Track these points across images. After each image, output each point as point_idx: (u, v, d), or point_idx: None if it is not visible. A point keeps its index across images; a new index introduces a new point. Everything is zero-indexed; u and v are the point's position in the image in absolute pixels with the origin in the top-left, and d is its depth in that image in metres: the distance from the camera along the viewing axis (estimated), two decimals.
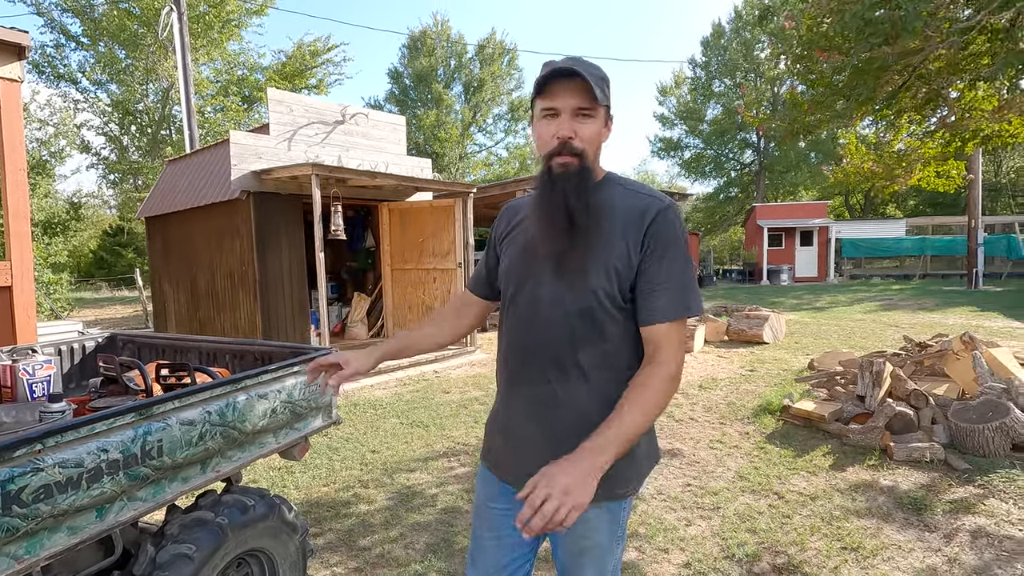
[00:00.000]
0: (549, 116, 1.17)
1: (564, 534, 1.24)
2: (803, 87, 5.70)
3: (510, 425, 1.28)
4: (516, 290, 1.25)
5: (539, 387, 1.20)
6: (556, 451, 1.10)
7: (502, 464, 1.30)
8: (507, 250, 1.31)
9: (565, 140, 1.15)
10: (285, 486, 3.43)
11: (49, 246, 13.77)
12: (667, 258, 1.14)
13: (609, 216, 1.18)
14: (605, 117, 1.20)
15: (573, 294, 1.16)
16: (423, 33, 30.51)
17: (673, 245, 1.15)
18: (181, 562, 1.60)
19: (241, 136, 6.80)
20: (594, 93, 1.13)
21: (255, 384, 1.84)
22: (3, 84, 3.10)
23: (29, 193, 3.31)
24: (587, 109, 1.15)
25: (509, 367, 1.27)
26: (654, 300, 1.14)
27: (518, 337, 1.24)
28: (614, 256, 1.15)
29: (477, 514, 1.38)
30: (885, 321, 9.69)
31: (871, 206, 30.37)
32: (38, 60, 20.09)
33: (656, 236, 1.15)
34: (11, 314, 3.17)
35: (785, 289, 17.19)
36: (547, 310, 1.19)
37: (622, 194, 1.21)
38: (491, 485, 1.34)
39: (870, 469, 3.48)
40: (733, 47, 28.53)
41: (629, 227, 1.16)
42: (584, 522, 1.22)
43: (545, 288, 1.19)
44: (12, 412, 1.74)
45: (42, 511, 1.27)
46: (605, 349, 1.17)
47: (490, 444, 1.36)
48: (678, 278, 1.14)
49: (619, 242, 1.15)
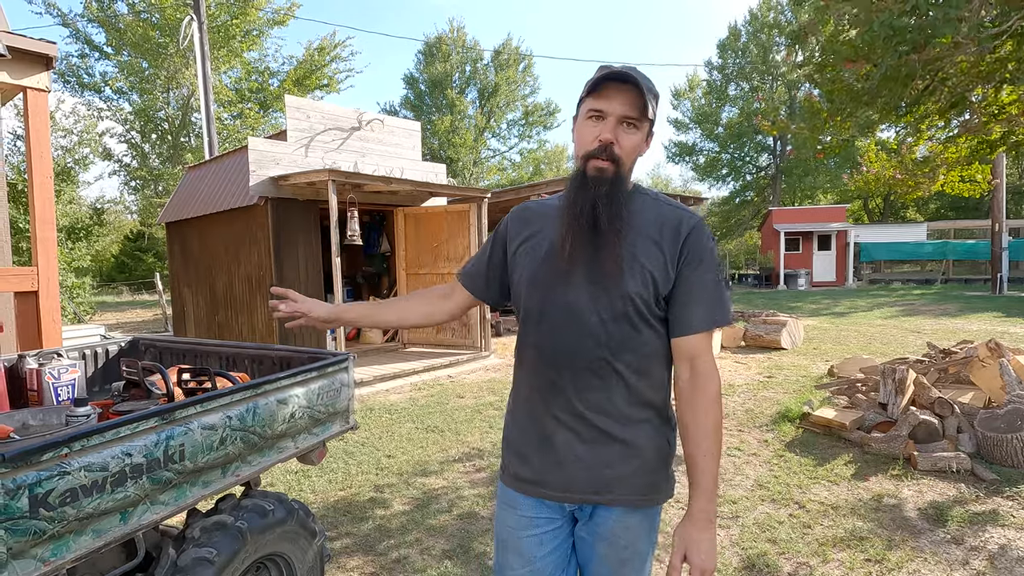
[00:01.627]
0: (595, 118, 1.17)
1: (606, 549, 1.23)
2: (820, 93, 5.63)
3: (549, 436, 1.22)
4: (545, 298, 1.21)
5: (580, 396, 1.19)
6: (600, 459, 1.18)
7: (543, 481, 1.23)
8: (525, 258, 1.27)
9: (607, 144, 1.15)
10: (302, 490, 3.46)
11: (72, 251, 14.07)
12: (702, 270, 1.17)
13: (642, 225, 1.19)
14: (648, 132, 1.21)
15: (609, 299, 1.16)
16: (439, 39, 30.76)
17: (708, 258, 1.18)
18: (202, 566, 1.62)
19: (259, 143, 6.90)
20: (644, 104, 1.14)
21: (275, 389, 1.86)
22: (31, 94, 3.18)
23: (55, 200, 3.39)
24: (634, 119, 1.16)
25: (543, 377, 1.22)
26: (690, 311, 1.16)
27: (553, 346, 1.20)
28: (651, 264, 1.16)
29: (503, 547, 1.30)
30: (907, 327, 9.51)
31: (891, 210, 29.91)
32: (63, 70, 20.62)
33: (692, 249, 1.17)
34: (37, 318, 3.24)
35: (803, 294, 16.97)
36: (584, 317, 1.17)
37: (653, 204, 1.23)
38: (521, 510, 1.27)
39: (893, 479, 3.41)
40: (750, 49, 28.34)
41: (664, 238, 1.18)
42: (627, 531, 1.22)
43: (580, 294, 1.18)
44: (39, 415, 1.78)
45: (68, 514, 1.29)
46: (643, 354, 1.19)
47: (521, 465, 1.26)
48: (712, 290, 1.18)
49: (655, 251, 1.17)
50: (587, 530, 1.25)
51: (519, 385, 1.31)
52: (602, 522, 1.22)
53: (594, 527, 1.23)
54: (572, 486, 1.20)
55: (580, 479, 1.19)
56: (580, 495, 1.20)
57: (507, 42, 31.37)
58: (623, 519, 1.21)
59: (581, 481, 1.19)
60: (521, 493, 1.27)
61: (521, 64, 31.77)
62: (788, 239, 19.92)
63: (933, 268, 20.67)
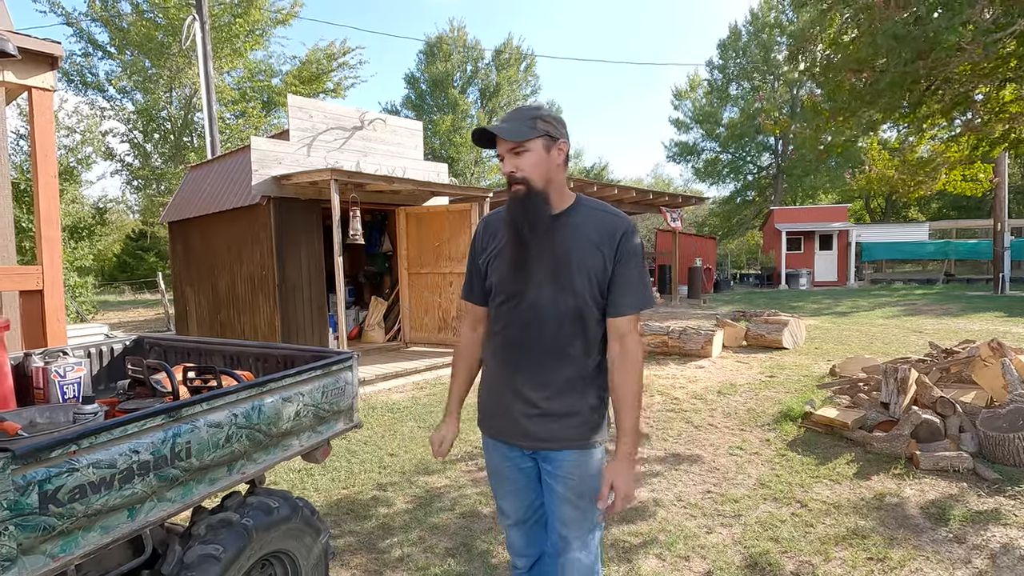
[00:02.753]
0: (501, 160, 1.52)
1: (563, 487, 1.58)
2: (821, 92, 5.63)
3: (513, 402, 1.59)
4: (514, 295, 1.54)
5: (539, 372, 1.54)
6: (554, 418, 1.56)
7: (512, 433, 1.62)
8: (495, 262, 1.59)
9: (508, 174, 1.50)
10: (305, 488, 3.47)
11: (75, 250, 14.09)
12: (631, 266, 1.51)
13: (585, 233, 1.51)
14: (545, 145, 1.48)
15: (565, 298, 1.50)
16: (440, 39, 30.74)
17: (636, 256, 1.52)
18: (208, 563, 1.63)
19: (262, 142, 6.91)
20: (520, 132, 1.45)
21: (280, 387, 1.87)
22: (36, 93, 3.19)
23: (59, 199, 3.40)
24: (517, 147, 1.47)
25: (512, 357, 1.58)
26: (623, 298, 1.51)
27: (520, 334, 1.55)
28: (593, 266, 1.49)
29: (494, 475, 1.73)
30: (908, 326, 9.50)
31: (892, 209, 29.86)
32: (67, 69, 20.63)
33: (624, 250, 1.51)
34: (42, 317, 3.25)
35: (804, 294, 16.95)
36: (544, 313, 1.51)
37: (592, 214, 1.54)
38: (499, 450, 1.68)
39: (895, 478, 3.42)
40: (751, 49, 28.30)
41: (604, 242, 1.50)
42: (577, 467, 1.56)
43: (544, 295, 1.51)
44: (46, 413, 1.79)
45: (77, 510, 1.30)
46: (587, 338, 1.54)
47: (492, 418, 1.67)
48: (639, 281, 1.53)
49: (596, 254, 1.49)
50: (547, 470, 1.61)
51: (489, 361, 1.68)
52: (558, 465, 1.58)
53: (553, 470, 1.59)
54: (532, 437, 1.59)
55: (536, 433, 1.58)
56: (539, 443, 1.58)
57: (508, 41, 31.36)
58: (580, 458, 1.57)
59: (537, 435, 1.58)
60: (496, 440, 1.68)
61: (523, 64, 31.76)
62: (790, 239, 19.90)
63: (935, 268, 20.64)
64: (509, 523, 1.74)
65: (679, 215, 13.90)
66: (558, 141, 1.51)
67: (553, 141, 1.50)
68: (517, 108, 1.53)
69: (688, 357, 7.24)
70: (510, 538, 1.76)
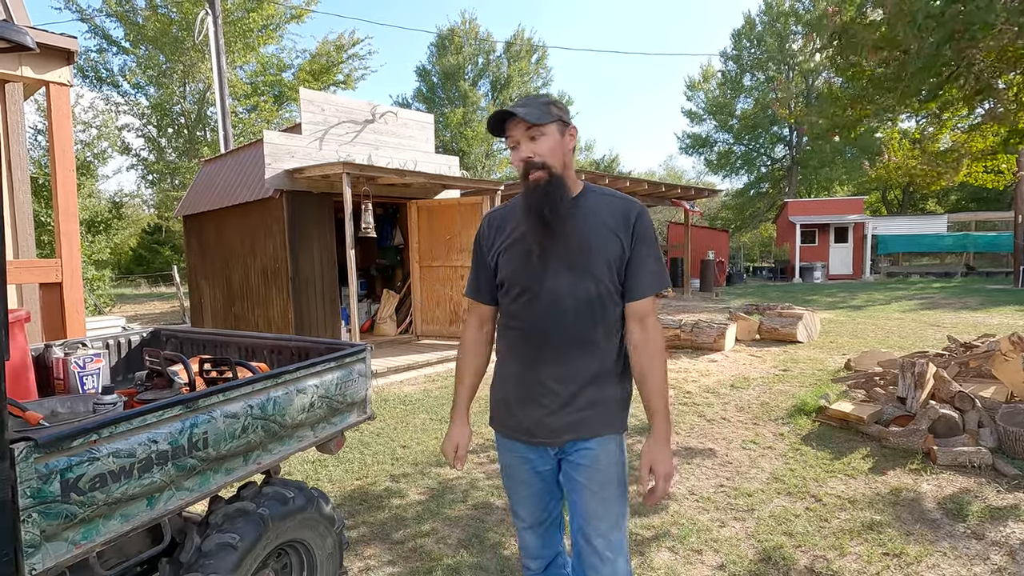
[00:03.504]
0: (514, 148, 1.48)
1: (587, 476, 1.54)
2: (841, 80, 5.53)
3: (535, 398, 1.53)
4: (528, 285, 1.51)
5: (563, 363, 1.50)
6: (577, 408, 1.52)
7: (530, 430, 1.56)
8: (505, 256, 1.56)
9: (527, 160, 1.45)
10: (319, 479, 3.50)
11: (92, 244, 14.30)
12: (646, 247, 1.50)
13: (601, 219, 1.49)
14: (559, 129, 1.47)
15: (584, 284, 1.47)
16: (451, 31, 30.64)
17: (650, 237, 1.52)
18: (225, 551, 1.65)
19: (274, 136, 6.94)
20: (533, 117, 1.42)
21: (294, 379, 1.88)
22: (53, 88, 3.23)
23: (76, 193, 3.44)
24: (536, 131, 1.44)
25: (533, 350, 1.52)
26: (641, 280, 1.50)
27: (540, 325, 1.51)
28: (611, 250, 1.48)
29: (509, 477, 1.67)
30: (926, 320, 9.36)
31: (910, 201, 29.36)
32: (82, 64, 20.85)
33: (640, 232, 1.50)
34: (61, 309, 3.31)
35: (819, 287, 16.76)
36: (563, 301, 1.48)
37: (604, 200, 1.53)
38: (516, 451, 1.62)
39: (912, 473, 3.37)
40: (766, 39, 27.89)
41: (619, 226, 1.49)
42: (607, 453, 1.54)
43: (562, 282, 1.47)
44: (67, 403, 1.82)
45: (98, 499, 1.33)
46: (608, 323, 1.51)
47: (510, 417, 1.59)
48: (655, 263, 1.51)
49: (613, 239, 1.48)
50: (571, 465, 1.56)
51: (505, 357, 1.62)
52: (583, 454, 1.54)
53: (577, 460, 1.55)
54: (557, 433, 1.53)
55: (563, 426, 1.53)
56: (565, 437, 1.54)
57: (519, 33, 31.19)
58: (601, 447, 1.53)
59: (564, 427, 1.53)
60: (512, 439, 1.61)
61: (534, 55, 31.57)
62: (804, 231, 19.66)
63: (953, 261, 20.30)
64: (524, 526, 1.69)
65: (694, 206, 13.81)
66: (569, 127, 1.50)
67: (565, 126, 1.49)
68: (528, 96, 1.52)
69: (700, 350, 7.19)
70: (524, 540, 1.71)
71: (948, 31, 3.55)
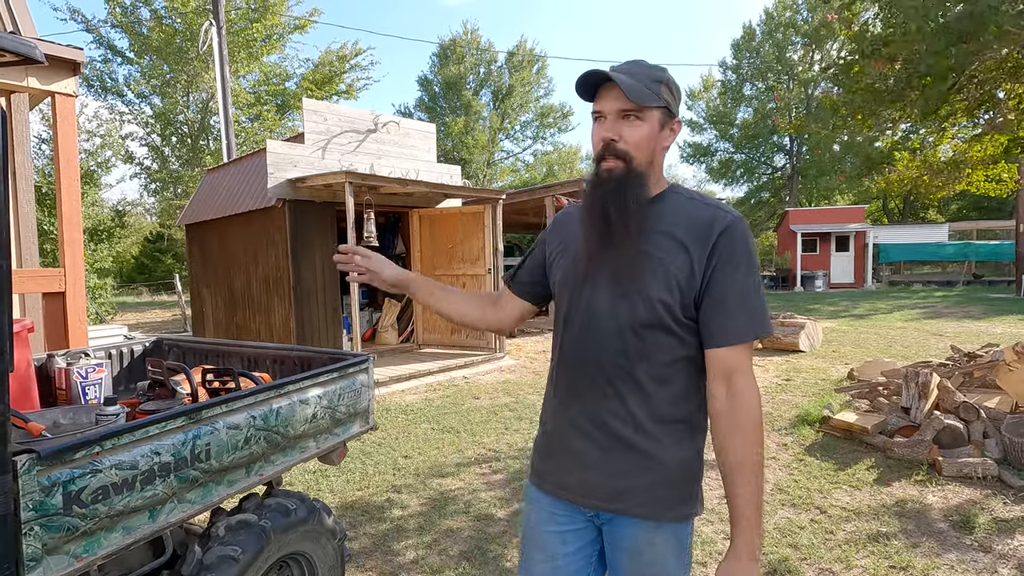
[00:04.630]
0: (598, 119, 1.17)
1: (629, 563, 1.19)
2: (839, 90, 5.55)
3: (568, 441, 1.22)
4: (570, 301, 1.21)
5: (596, 402, 1.17)
6: (614, 467, 1.16)
7: (565, 483, 1.23)
8: (560, 261, 1.28)
9: (607, 141, 1.13)
10: (320, 490, 3.48)
11: (95, 252, 14.35)
12: (737, 275, 1.09)
13: (671, 226, 1.13)
14: (661, 120, 1.15)
15: (630, 306, 1.12)
16: (453, 42, 30.88)
17: (744, 261, 1.10)
18: (227, 564, 1.64)
19: (277, 145, 6.98)
20: (641, 94, 1.10)
21: (297, 389, 1.88)
22: (59, 99, 3.25)
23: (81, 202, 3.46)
24: (632, 111, 1.12)
25: (564, 381, 1.23)
26: (725, 319, 1.09)
27: (572, 351, 1.20)
28: (676, 266, 1.10)
29: (528, 538, 1.31)
30: (928, 329, 9.34)
31: (911, 210, 29.41)
32: (87, 74, 21.03)
33: (724, 251, 1.09)
34: (64, 319, 3.31)
35: (820, 296, 16.74)
36: (603, 323, 1.15)
37: (684, 203, 1.17)
38: (543, 507, 1.27)
39: (917, 484, 3.35)
40: (765, 49, 28.07)
41: (694, 239, 1.11)
42: (651, 547, 1.17)
43: (601, 299, 1.15)
44: (70, 414, 1.82)
45: (100, 511, 1.32)
46: (664, 363, 1.13)
47: (546, 465, 1.28)
48: (750, 297, 1.10)
49: (681, 253, 1.10)
50: (610, 541, 1.22)
51: (550, 387, 1.30)
52: (624, 535, 1.18)
53: (617, 539, 1.20)
54: (588, 492, 1.19)
55: (595, 485, 1.18)
56: (595, 501, 1.19)
57: (521, 43, 31.41)
58: (648, 535, 1.16)
59: (596, 488, 1.18)
60: (542, 491, 1.28)
61: (535, 66, 31.78)
62: (805, 240, 19.67)
63: (954, 269, 20.28)
64: None
65: None
66: (674, 119, 1.18)
67: (670, 118, 1.17)
68: (639, 62, 1.16)
69: None
70: None
71: (956, 36, 3.55)
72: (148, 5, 20.03)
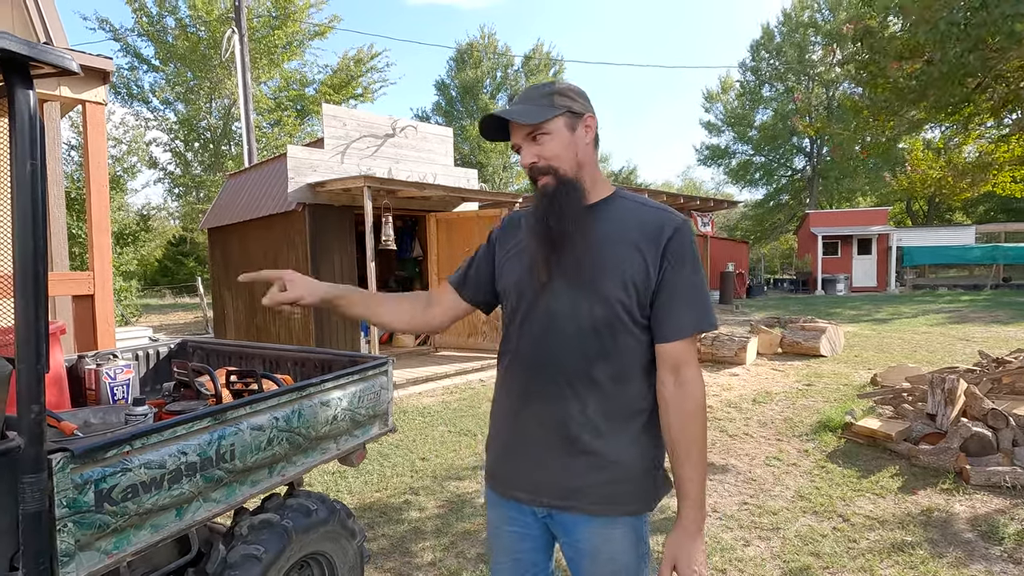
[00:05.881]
0: (517, 151, 1.24)
1: (590, 562, 1.22)
2: (861, 91, 5.47)
3: (522, 442, 1.25)
4: (527, 304, 1.24)
5: (554, 403, 1.20)
6: (568, 467, 1.20)
7: (515, 483, 1.27)
8: (509, 264, 1.31)
9: (530, 166, 1.21)
10: (339, 491, 3.52)
11: (121, 255, 14.70)
12: (683, 273, 1.17)
13: (622, 230, 1.19)
14: (568, 123, 1.20)
15: (588, 307, 1.17)
16: (470, 46, 31.05)
17: (690, 261, 1.18)
18: (250, 563, 1.67)
19: (297, 150, 7.08)
20: (527, 118, 1.18)
21: (319, 392, 1.90)
22: (90, 107, 3.35)
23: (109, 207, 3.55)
24: (534, 131, 1.19)
25: (519, 383, 1.25)
26: (675, 316, 1.16)
27: (530, 352, 1.23)
28: (631, 269, 1.16)
29: (491, 540, 1.37)
30: (955, 334, 9.12)
31: (936, 212, 28.77)
32: (115, 82, 21.59)
33: (675, 253, 1.17)
34: (93, 321, 3.40)
35: (842, 299, 16.45)
36: (562, 324, 1.19)
37: (633, 209, 1.23)
38: (500, 508, 1.32)
39: (944, 493, 3.28)
40: (785, 50, 27.74)
41: (646, 242, 1.17)
42: (608, 543, 1.20)
43: (560, 302, 1.19)
44: (100, 414, 1.87)
45: (129, 509, 1.35)
46: (621, 362, 1.18)
47: (497, 466, 1.32)
48: (697, 294, 1.18)
49: (636, 256, 1.16)
50: (567, 541, 1.25)
51: (498, 390, 1.34)
52: (580, 534, 1.21)
53: (573, 538, 1.23)
54: (540, 491, 1.23)
55: (548, 484, 1.21)
56: (548, 499, 1.22)
57: (538, 47, 31.47)
58: (604, 531, 1.20)
59: (549, 487, 1.21)
60: (495, 492, 1.32)
61: (552, 69, 31.80)
62: (826, 243, 19.35)
63: (982, 273, 19.78)
64: None
65: (710, 219, 13.68)
66: (583, 116, 1.22)
67: (577, 117, 1.21)
68: (530, 86, 1.24)
69: (721, 364, 7.10)
70: None
71: (973, 40, 3.49)
72: (173, 14, 20.51)
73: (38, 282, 1.19)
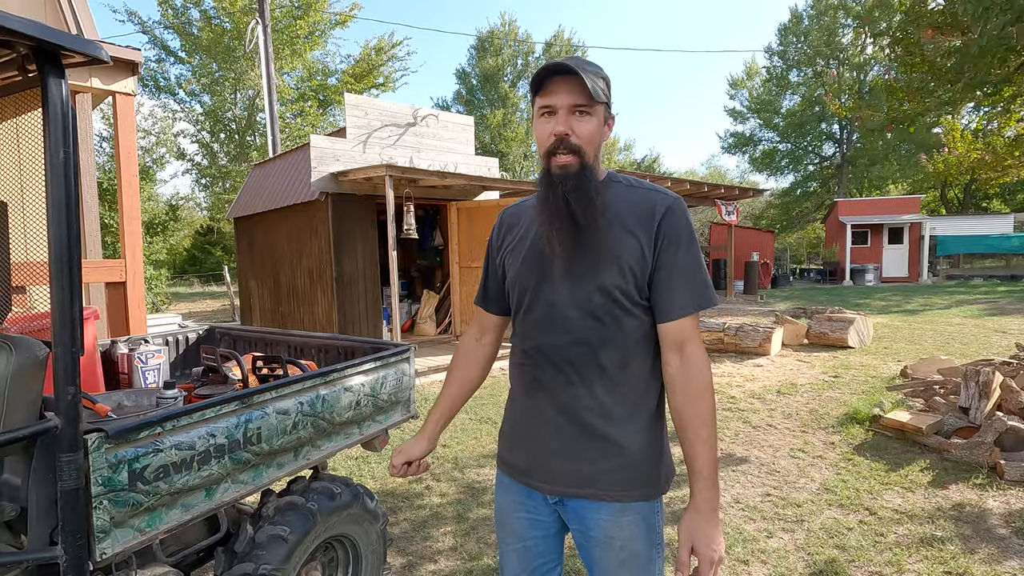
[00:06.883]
0: (547, 114, 1.18)
1: (602, 552, 1.21)
2: (895, 73, 5.28)
3: (533, 430, 1.26)
4: (530, 295, 1.24)
5: (562, 391, 1.21)
6: (581, 454, 1.20)
7: (528, 471, 1.27)
8: (511, 258, 1.30)
9: (561, 136, 1.15)
10: (362, 476, 3.58)
11: (151, 244, 15.07)
12: (681, 253, 1.16)
13: (616, 214, 1.19)
14: (604, 116, 1.20)
15: (587, 294, 1.17)
16: (491, 33, 30.83)
17: (686, 240, 1.17)
18: (277, 543, 1.71)
19: (320, 140, 7.14)
20: (590, 90, 1.12)
21: (342, 377, 1.93)
22: (119, 98, 3.41)
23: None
24: (584, 106, 1.15)
25: (529, 372, 1.26)
26: (673, 295, 1.16)
27: (536, 342, 1.23)
28: (627, 253, 1.15)
29: (500, 524, 1.37)
30: (990, 326, 8.83)
31: (971, 200, 27.77)
32: (142, 75, 22.01)
33: (669, 232, 1.16)
34: (125, 307, 3.49)
35: (871, 290, 16.05)
36: (563, 312, 1.19)
37: (626, 191, 1.23)
38: (512, 493, 1.32)
39: (976, 488, 3.19)
40: (813, 33, 26.92)
41: (640, 224, 1.17)
42: (620, 530, 1.20)
43: (560, 290, 1.19)
44: (132, 397, 1.92)
45: (161, 488, 1.39)
46: (625, 347, 1.18)
47: (510, 452, 1.33)
48: (694, 272, 1.17)
49: (631, 240, 1.16)
50: (579, 528, 1.24)
51: (511, 379, 1.35)
52: (593, 521, 1.21)
53: (585, 526, 1.22)
54: (554, 479, 1.23)
55: (561, 472, 1.22)
56: (562, 487, 1.22)
57: (559, 34, 31.10)
58: (615, 518, 1.19)
59: (562, 474, 1.21)
60: (510, 479, 1.33)
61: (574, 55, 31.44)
62: (855, 232, 18.86)
63: (1020, 263, 19.08)
64: None
65: (735, 208, 13.43)
66: (611, 115, 1.25)
67: (609, 114, 1.23)
68: (585, 60, 1.18)
69: (745, 355, 7.00)
70: None
71: (1018, 10, 3.32)
72: (198, 5, 20.78)
73: (72, 268, 1.22)
